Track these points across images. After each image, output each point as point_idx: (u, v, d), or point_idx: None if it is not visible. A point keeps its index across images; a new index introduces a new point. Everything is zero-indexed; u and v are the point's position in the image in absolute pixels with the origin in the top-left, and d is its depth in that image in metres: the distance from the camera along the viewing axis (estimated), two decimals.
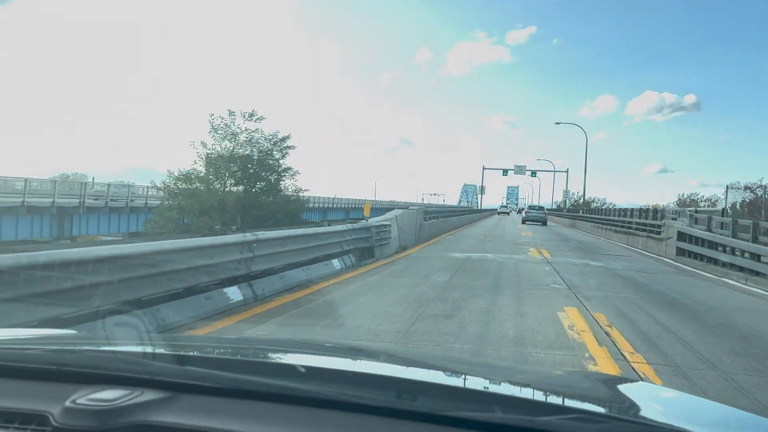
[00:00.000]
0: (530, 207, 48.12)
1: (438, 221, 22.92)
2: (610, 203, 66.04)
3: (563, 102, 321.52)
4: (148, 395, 1.01)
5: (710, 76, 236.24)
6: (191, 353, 1.35)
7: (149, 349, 1.28)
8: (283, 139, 21.02)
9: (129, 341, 1.38)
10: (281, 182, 20.67)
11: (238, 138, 19.91)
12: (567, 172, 74.47)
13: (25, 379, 1.11)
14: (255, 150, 20.21)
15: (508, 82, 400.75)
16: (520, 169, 72.92)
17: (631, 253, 18.70)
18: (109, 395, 0.99)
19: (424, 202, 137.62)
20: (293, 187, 21.14)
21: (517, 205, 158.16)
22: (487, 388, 1.31)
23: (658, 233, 18.63)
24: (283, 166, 20.78)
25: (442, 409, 0.97)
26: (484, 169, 76.59)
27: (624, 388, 1.47)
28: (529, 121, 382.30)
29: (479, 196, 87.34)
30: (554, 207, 69.93)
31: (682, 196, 72.84)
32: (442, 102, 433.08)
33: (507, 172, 73.34)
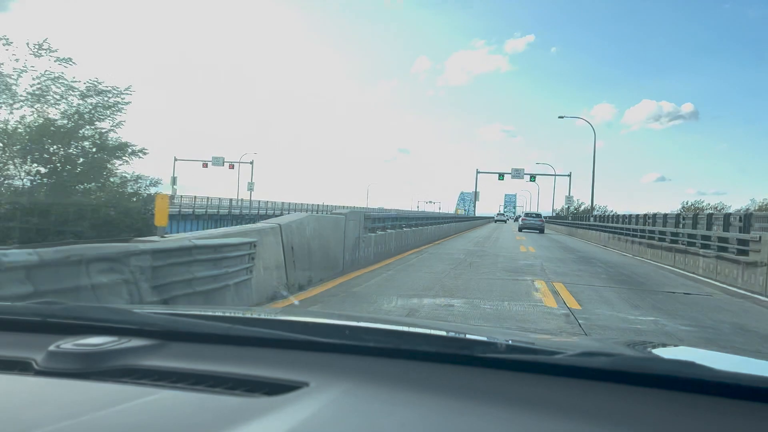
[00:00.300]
0: (527, 214, 46.51)
1: (398, 232, 15.50)
2: (611, 211, 60.22)
3: (561, 110, 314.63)
4: (137, 342, 0.96)
5: (708, 85, 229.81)
6: (180, 309, 1.36)
7: (138, 304, 1.33)
8: (114, 93, 12.20)
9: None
10: (108, 167, 12.14)
11: (16, 88, 11.31)
12: (570, 175, 66.19)
13: (10, 330, 1.06)
14: (56, 110, 11.93)
15: (506, 91, 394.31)
16: (517, 173, 64.93)
17: (701, 286, 11.41)
18: (96, 341, 0.93)
19: (419, 209, 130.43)
20: (134, 176, 12.50)
21: (514, 213, 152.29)
22: (495, 337, 1.23)
23: (745, 252, 11.38)
24: (113, 140, 12.17)
25: (444, 349, 0.95)
26: (477, 172, 69.11)
27: (653, 348, 1.27)
28: (527, 129, 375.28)
29: (474, 202, 79.95)
30: (553, 215, 64.18)
31: (686, 203, 67.09)
32: (440, 111, 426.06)
33: (503, 175, 65.40)
